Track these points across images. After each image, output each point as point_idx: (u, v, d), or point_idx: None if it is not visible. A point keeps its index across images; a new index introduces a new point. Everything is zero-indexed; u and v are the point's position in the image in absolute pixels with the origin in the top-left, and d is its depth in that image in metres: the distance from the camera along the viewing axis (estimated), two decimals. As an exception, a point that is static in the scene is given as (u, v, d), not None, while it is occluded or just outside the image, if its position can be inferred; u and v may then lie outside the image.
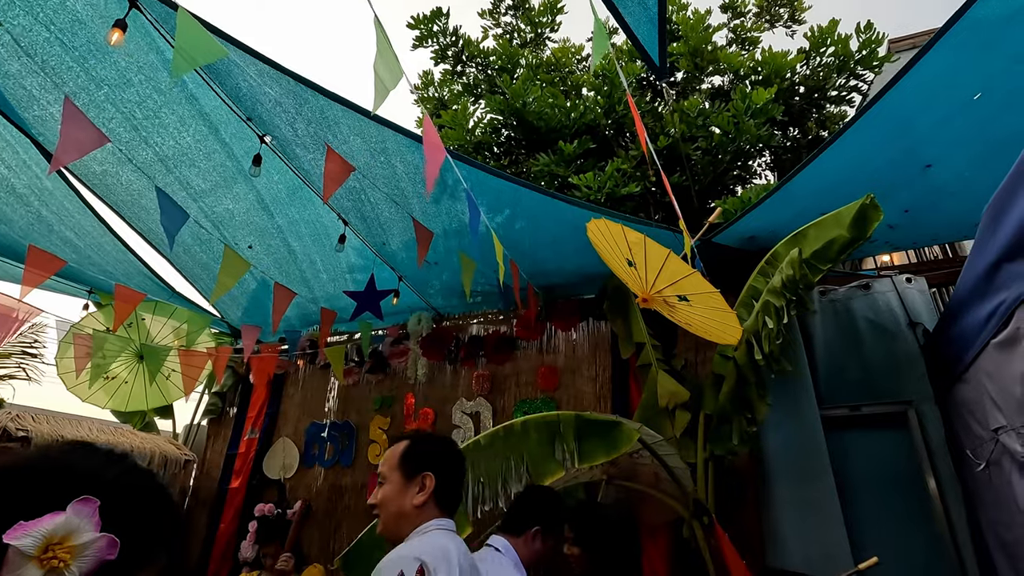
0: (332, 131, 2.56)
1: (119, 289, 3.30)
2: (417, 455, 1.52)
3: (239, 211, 3.12)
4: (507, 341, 4.11)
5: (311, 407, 4.79)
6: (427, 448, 1.56)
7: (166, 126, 2.55)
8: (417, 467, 1.49)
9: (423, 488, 1.46)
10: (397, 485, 1.47)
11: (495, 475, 2.22)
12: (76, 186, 2.98)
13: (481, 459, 2.22)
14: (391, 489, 1.47)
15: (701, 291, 2.43)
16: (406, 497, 1.45)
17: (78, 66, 2.23)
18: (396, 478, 1.48)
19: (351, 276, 3.88)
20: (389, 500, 1.45)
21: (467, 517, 2.06)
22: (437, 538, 1.35)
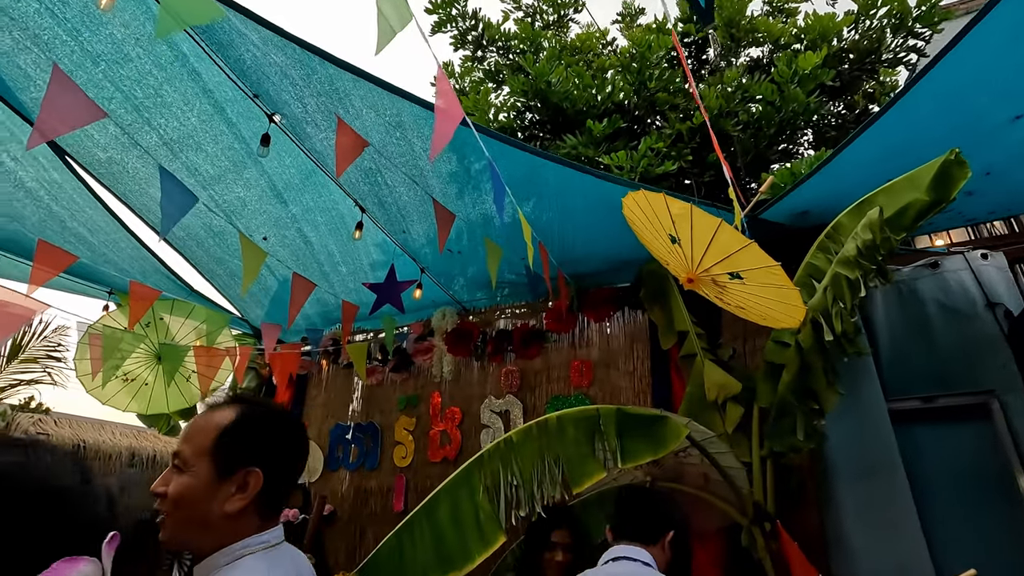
0: (343, 104, 2.36)
1: (134, 287, 3.17)
2: (243, 440, 1.03)
3: (251, 199, 2.96)
4: (536, 335, 3.86)
5: (335, 408, 4.63)
6: (258, 430, 1.06)
7: (169, 106, 2.39)
8: (239, 458, 1.01)
9: (243, 489, 0.99)
10: (203, 480, 0.98)
11: (528, 477, 1.98)
12: (85, 178, 2.86)
13: (513, 458, 1.99)
14: (193, 484, 0.98)
15: (758, 265, 2.14)
16: (214, 501, 0.97)
17: (72, 40, 2.08)
18: (204, 469, 0.99)
19: (371, 271, 3.69)
20: (186, 500, 0.97)
21: (500, 524, 1.83)
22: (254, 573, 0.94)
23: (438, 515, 1.81)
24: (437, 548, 1.76)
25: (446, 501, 1.84)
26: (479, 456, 1.96)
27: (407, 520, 1.79)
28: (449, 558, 1.75)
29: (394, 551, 1.73)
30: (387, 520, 3.84)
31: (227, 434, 1.03)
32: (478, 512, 1.84)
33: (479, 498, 1.86)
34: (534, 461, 2.02)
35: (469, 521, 1.82)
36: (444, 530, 1.79)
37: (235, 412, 1.06)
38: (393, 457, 4.11)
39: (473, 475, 1.91)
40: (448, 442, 3.92)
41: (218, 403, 1.10)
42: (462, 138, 2.49)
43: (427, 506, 1.82)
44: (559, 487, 2.04)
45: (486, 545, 1.78)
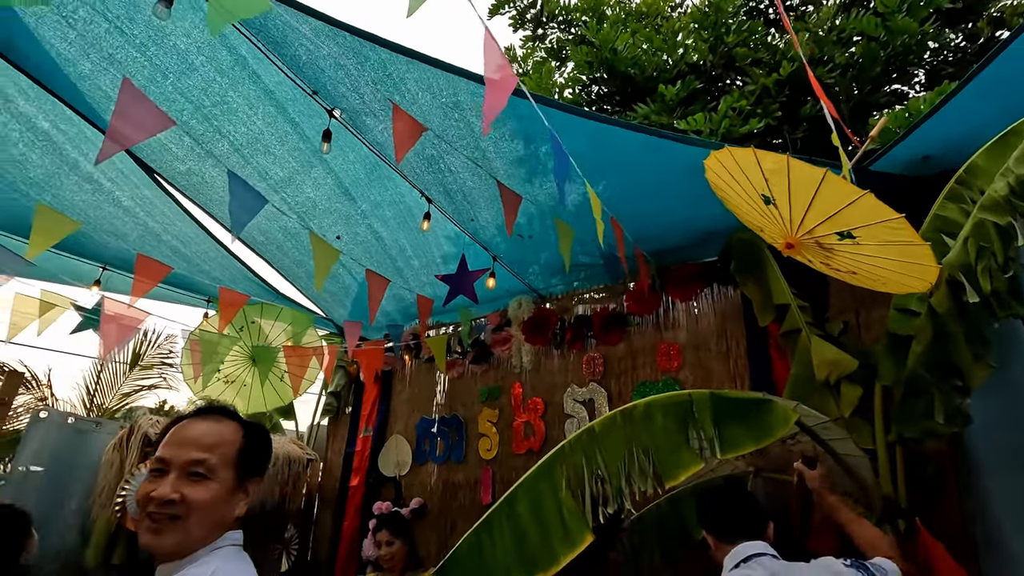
0: (398, 90, 2.29)
1: (223, 292, 3.33)
2: (256, 452, 1.16)
3: (320, 199, 2.99)
4: (617, 319, 3.65)
5: (420, 402, 4.67)
6: (264, 443, 1.20)
7: (235, 111, 2.44)
8: (252, 469, 1.14)
9: (247, 495, 1.12)
10: (228, 488, 1.08)
11: (615, 470, 1.81)
12: (172, 192, 3.01)
13: (597, 450, 1.82)
14: (220, 492, 1.06)
15: (874, 221, 1.83)
16: (231, 506, 1.08)
17: (141, 55, 2.16)
18: (229, 477, 1.09)
19: (443, 263, 3.65)
20: (211, 506, 1.04)
21: (586, 522, 1.68)
22: (239, 564, 1.07)
23: (518, 512, 1.69)
24: (519, 547, 1.64)
25: (526, 497, 1.71)
26: (559, 448, 1.82)
27: (486, 517, 1.69)
28: (532, 558, 1.63)
29: (473, 549, 1.64)
30: (476, 513, 3.80)
31: (248, 447, 1.15)
32: (562, 509, 1.70)
33: (562, 494, 1.72)
34: (620, 453, 1.85)
35: (552, 519, 1.69)
36: (526, 528, 1.67)
37: (241, 425, 1.18)
38: (478, 450, 4.07)
39: (555, 469, 1.77)
40: (532, 433, 3.81)
41: (205, 413, 1.17)
42: (525, 115, 2.35)
43: (507, 502, 1.70)
44: (650, 480, 1.85)
45: (572, 545, 1.64)
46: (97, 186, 2.91)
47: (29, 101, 2.40)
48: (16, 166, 2.73)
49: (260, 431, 1.21)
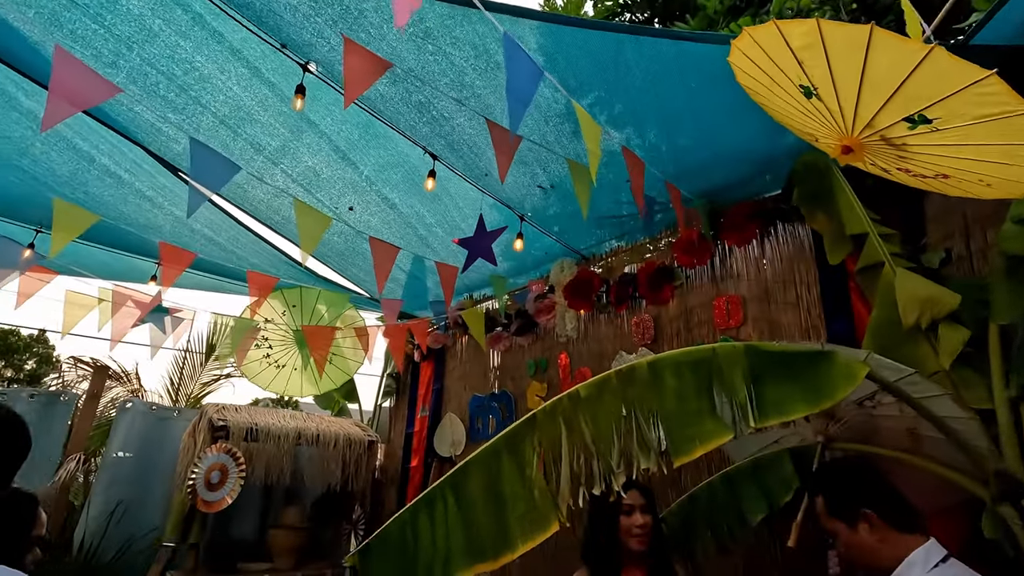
0: (360, 25, 2.04)
1: (251, 275, 3.32)
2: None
3: (320, 166, 2.84)
4: (664, 273, 3.19)
5: (472, 380, 4.49)
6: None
7: (208, 78, 2.32)
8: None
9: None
10: None
11: (606, 444, 1.45)
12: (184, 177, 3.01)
13: (582, 419, 1.48)
14: None
15: (956, 88, 1.31)
16: None
17: (100, 26, 2.08)
18: None
19: (470, 229, 3.38)
20: None
21: (556, 505, 1.35)
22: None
23: (467, 491, 1.40)
24: (466, 532, 1.36)
25: (480, 473, 1.42)
26: (529, 417, 1.50)
27: (426, 494, 1.42)
28: (479, 546, 1.34)
29: (405, 531, 1.37)
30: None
31: None
32: (530, 489, 1.39)
33: (531, 472, 1.41)
34: (615, 422, 1.49)
35: (514, 500, 1.38)
36: (475, 510, 1.38)
37: None
38: (527, 426, 3.80)
39: (523, 441, 1.45)
40: (580, 407, 3.47)
41: None
42: (525, 37, 2.01)
43: (453, 479, 1.42)
44: (654, 456, 1.48)
45: (536, 530, 1.33)
46: (117, 179, 2.96)
47: (29, 97, 2.45)
48: (41, 165, 2.84)
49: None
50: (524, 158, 2.76)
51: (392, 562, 1.32)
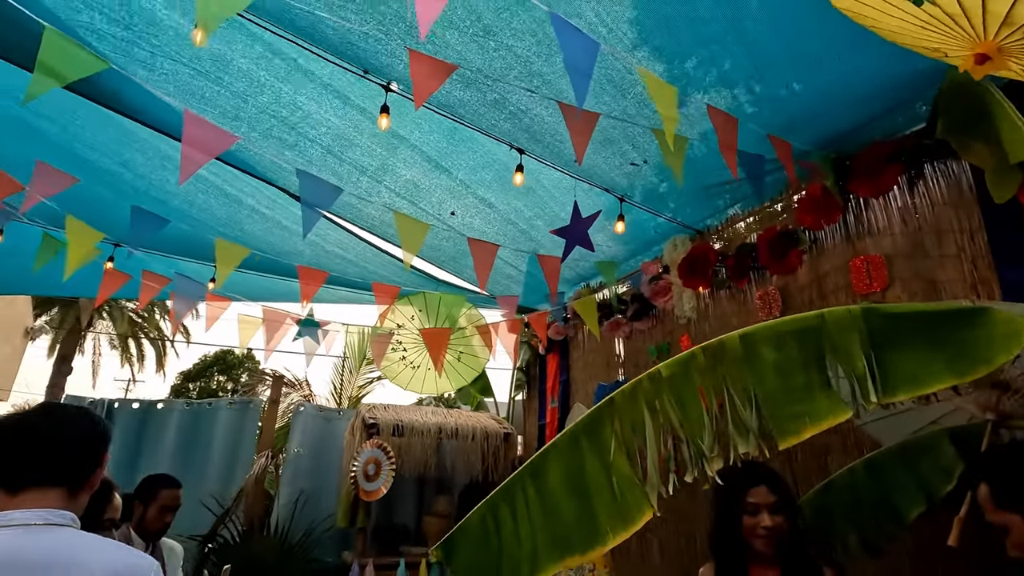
0: (416, 36, 2.13)
1: (376, 286, 3.64)
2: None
3: (418, 177, 3.01)
4: (787, 238, 2.85)
5: (596, 369, 4.44)
6: None
7: (310, 114, 2.59)
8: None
9: None
10: None
11: (695, 425, 1.34)
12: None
13: (667, 400, 1.38)
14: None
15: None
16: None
17: (220, 87, 2.43)
18: None
19: (565, 214, 3.35)
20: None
21: (644, 493, 1.28)
22: None
23: (547, 481, 1.37)
24: (549, 524, 1.33)
25: (559, 463, 1.38)
26: (607, 401, 1.43)
27: (504, 485, 1.42)
28: (565, 539, 1.30)
29: (485, 524, 1.38)
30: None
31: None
32: (611, 477, 1.33)
33: (612, 457, 1.35)
34: (704, 402, 1.37)
35: (598, 489, 1.33)
36: (557, 501, 1.35)
37: None
38: (654, 414, 3.66)
39: (601, 427, 1.40)
40: (707, 391, 3.25)
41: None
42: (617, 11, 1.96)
43: (531, 469, 1.40)
44: (753, 438, 1.34)
45: (626, 522, 1.27)
46: (261, 215, 3.44)
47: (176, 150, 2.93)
48: (205, 212, 3.39)
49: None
50: (610, 136, 2.66)
51: (476, 554, 1.36)
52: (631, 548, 3.57)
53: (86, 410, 1.20)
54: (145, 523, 2.68)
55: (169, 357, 22.49)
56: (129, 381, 22.71)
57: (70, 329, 18.46)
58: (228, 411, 5.03)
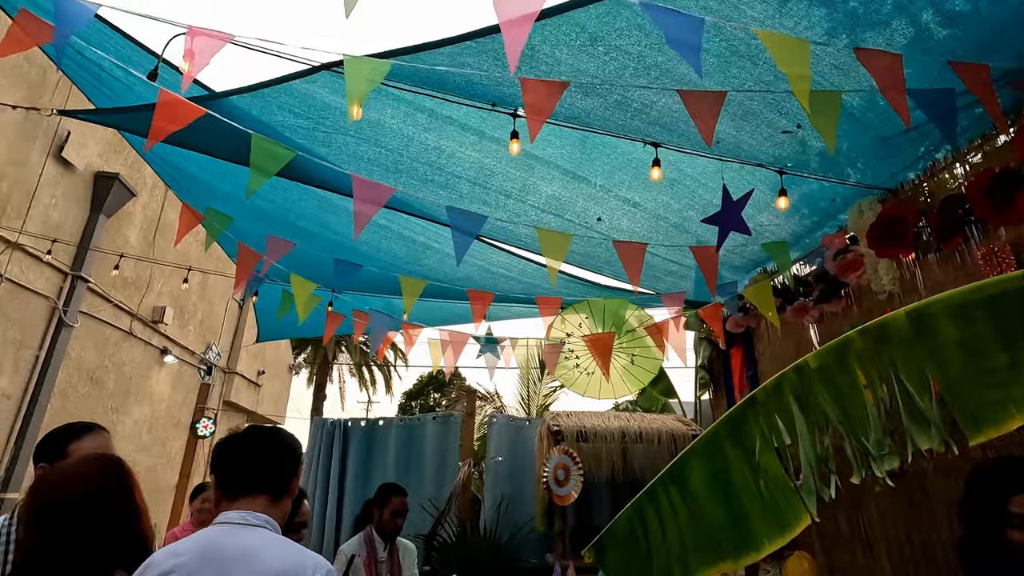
0: (536, 61, 2.24)
1: (540, 300, 3.82)
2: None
3: (558, 191, 3.10)
4: (1008, 180, 2.29)
5: (787, 360, 3.95)
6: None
7: (453, 154, 2.87)
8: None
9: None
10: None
11: (858, 420, 1.18)
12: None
13: (820, 394, 1.24)
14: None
15: None
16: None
17: (379, 147, 2.83)
18: None
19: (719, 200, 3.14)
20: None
21: (799, 496, 1.15)
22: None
23: (691, 483, 1.30)
24: (696, 527, 1.27)
25: (702, 464, 1.31)
26: (749, 399, 1.32)
27: (648, 488, 1.37)
28: (715, 543, 1.23)
29: (633, 528, 1.35)
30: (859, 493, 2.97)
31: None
32: (759, 479, 1.23)
33: (759, 458, 1.24)
34: (867, 393, 1.21)
35: (746, 492, 1.23)
36: (704, 504, 1.28)
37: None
38: (861, 407, 3.18)
39: (745, 425, 1.30)
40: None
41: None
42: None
43: (674, 472, 1.34)
44: (936, 432, 1.14)
45: (781, 527, 1.15)
46: (434, 250, 3.87)
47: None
48: (390, 255, 3.94)
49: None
50: (750, 109, 2.46)
51: (625, 555, 1.37)
52: (856, 559, 3.15)
53: (281, 430, 1.52)
54: (382, 525, 3.18)
55: (394, 380, 26.04)
56: (367, 403, 26.79)
57: (320, 363, 22.50)
58: (434, 425, 5.66)
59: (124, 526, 1.22)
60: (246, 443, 1.42)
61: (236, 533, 1.27)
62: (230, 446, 1.42)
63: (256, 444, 1.42)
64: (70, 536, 1.14)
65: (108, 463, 1.32)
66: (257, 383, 13.25)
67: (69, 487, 1.22)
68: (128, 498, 1.25)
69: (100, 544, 1.16)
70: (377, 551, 3.18)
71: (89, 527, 1.16)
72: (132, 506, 1.25)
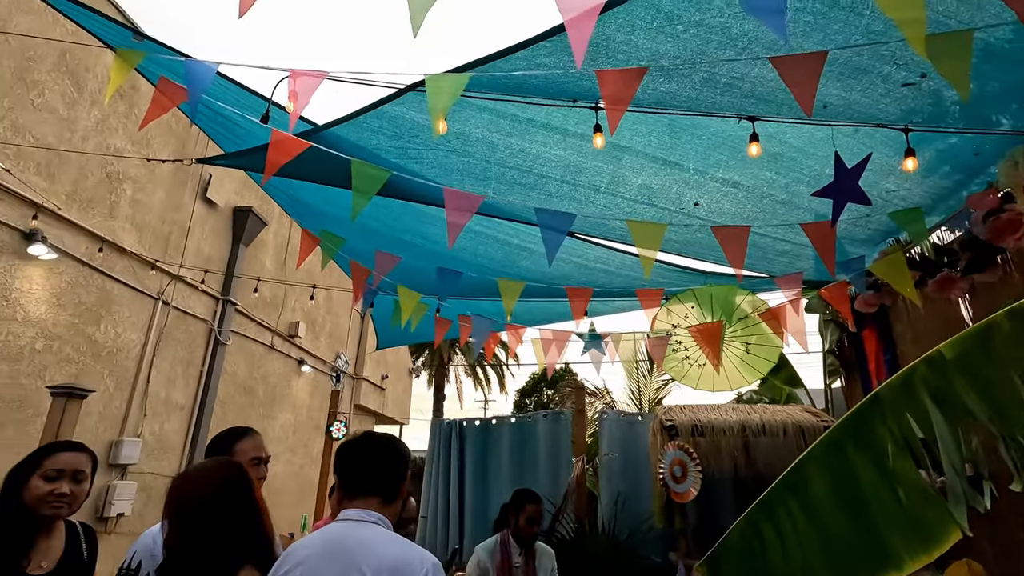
0: (610, 50, 2.17)
1: (640, 292, 3.72)
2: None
3: (649, 180, 2.98)
4: None
5: (933, 340, 3.49)
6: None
7: (538, 155, 2.87)
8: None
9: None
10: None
11: (1017, 415, 1.00)
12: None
13: (963, 389, 1.07)
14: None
15: None
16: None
17: (465, 157, 2.91)
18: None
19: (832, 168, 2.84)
20: None
21: (946, 507, 1.00)
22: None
23: (808, 495, 1.18)
24: (821, 542, 1.14)
25: (819, 473, 1.18)
26: (871, 398, 1.18)
27: (761, 499, 1.25)
28: (843, 561, 1.10)
29: (749, 542, 1.24)
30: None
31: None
32: (895, 487, 1.09)
33: (892, 463, 1.10)
34: (1007, 389, 1.03)
35: (877, 502, 1.10)
36: (823, 516, 1.15)
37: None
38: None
39: (869, 428, 1.15)
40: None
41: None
42: None
43: (785, 483, 1.21)
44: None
45: (926, 542, 1.01)
46: (529, 251, 3.91)
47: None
48: (488, 259, 4.04)
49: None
50: (860, 66, 2.20)
51: (741, 571, 1.28)
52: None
53: (393, 438, 1.62)
54: (518, 530, 3.26)
55: (507, 378, 26.68)
56: (483, 401, 27.71)
57: (437, 365, 23.64)
58: (545, 423, 5.72)
59: (247, 521, 1.38)
60: (363, 449, 1.56)
61: (355, 528, 1.41)
62: (349, 451, 1.56)
63: (371, 451, 1.55)
64: (200, 530, 1.31)
65: (227, 465, 1.50)
66: (382, 387, 14.22)
67: (197, 487, 1.40)
68: (248, 495, 1.41)
69: (227, 537, 1.32)
70: (512, 556, 3.24)
71: (215, 522, 1.33)
72: (251, 502, 1.41)
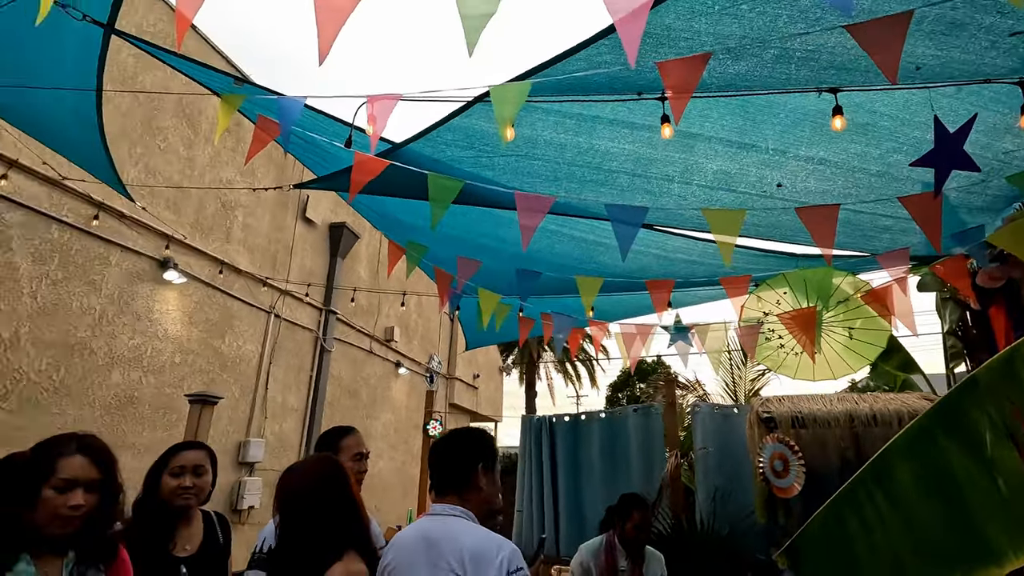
0: (670, 40, 2.15)
1: (723, 280, 3.61)
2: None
3: (725, 165, 2.88)
4: None
5: (1076, 315, 3.12)
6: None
7: (607, 151, 2.87)
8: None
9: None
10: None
11: None
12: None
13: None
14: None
15: None
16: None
17: (538, 160, 2.98)
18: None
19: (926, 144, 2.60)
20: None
21: None
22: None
23: (895, 485, 1.11)
24: (911, 534, 1.08)
25: (905, 463, 1.11)
26: (968, 382, 1.09)
27: (844, 490, 1.18)
28: (938, 553, 1.03)
29: (832, 531, 1.18)
30: None
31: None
32: (995, 476, 1.01)
33: (991, 452, 1.02)
34: None
35: (974, 493, 1.03)
36: (912, 507, 1.08)
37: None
38: None
39: (964, 415, 1.08)
40: None
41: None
42: None
43: (872, 472, 1.14)
44: None
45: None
46: (605, 246, 3.91)
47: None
48: (566, 257, 4.09)
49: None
50: (954, 20, 2.00)
51: (824, 562, 1.23)
52: None
53: (465, 434, 1.74)
54: (624, 534, 3.28)
55: (597, 373, 26.45)
56: (575, 397, 27.67)
57: (527, 363, 23.93)
58: (635, 417, 5.66)
59: (343, 511, 1.53)
60: (435, 451, 1.71)
61: (440, 521, 1.58)
62: (432, 452, 1.71)
63: (442, 451, 1.69)
64: (301, 518, 1.48)
65: (324, 461, 1.67)
66: (474, 386, 14.66)
67: (296, 481, 1.58)
68: (343, 488, 1.57)
69: (325, 525, 1.48)
70: (617, 559, 3.24)
71: (313, 511, 1.49)
72: (348, 494, 1.56)
